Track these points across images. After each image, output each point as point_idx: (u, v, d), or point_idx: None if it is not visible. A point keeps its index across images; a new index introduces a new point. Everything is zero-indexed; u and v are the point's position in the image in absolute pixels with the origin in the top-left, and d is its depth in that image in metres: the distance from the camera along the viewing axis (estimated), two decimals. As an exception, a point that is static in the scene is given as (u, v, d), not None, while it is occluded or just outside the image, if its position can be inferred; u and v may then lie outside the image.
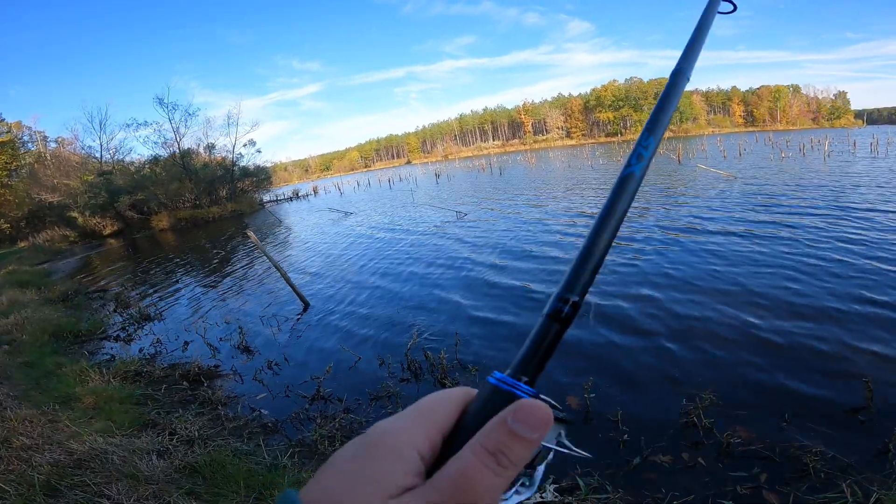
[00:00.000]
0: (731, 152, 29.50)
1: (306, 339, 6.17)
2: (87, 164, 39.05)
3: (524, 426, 0.30)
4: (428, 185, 33.16)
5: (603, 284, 6.33)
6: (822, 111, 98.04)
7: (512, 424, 0.30)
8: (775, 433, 3.00)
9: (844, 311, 4.70)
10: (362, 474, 0.29)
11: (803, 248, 6.92)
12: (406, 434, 0.31)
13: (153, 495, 2.47)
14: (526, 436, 0.30)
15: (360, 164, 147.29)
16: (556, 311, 0.36)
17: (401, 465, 0.30)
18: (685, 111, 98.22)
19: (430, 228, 13.64)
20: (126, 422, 3.68)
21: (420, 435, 0.31)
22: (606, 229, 0.38)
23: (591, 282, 0.37)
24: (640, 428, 3.24)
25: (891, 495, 2.25)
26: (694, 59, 0.48)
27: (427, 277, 8.15)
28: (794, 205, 10.33)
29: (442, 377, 4.35)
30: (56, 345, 6.73)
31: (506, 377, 0.34)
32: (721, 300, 5.34)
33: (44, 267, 19.90)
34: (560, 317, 0.36)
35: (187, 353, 6.09)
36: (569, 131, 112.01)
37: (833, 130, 59.83)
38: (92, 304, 10.42)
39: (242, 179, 41.98)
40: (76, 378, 4.86)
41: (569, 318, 0.36)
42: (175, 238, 26.22)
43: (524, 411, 0.31)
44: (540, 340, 0.35)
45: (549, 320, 0.36)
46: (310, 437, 3.58)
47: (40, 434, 3.22)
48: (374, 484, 0.29)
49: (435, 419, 0.33)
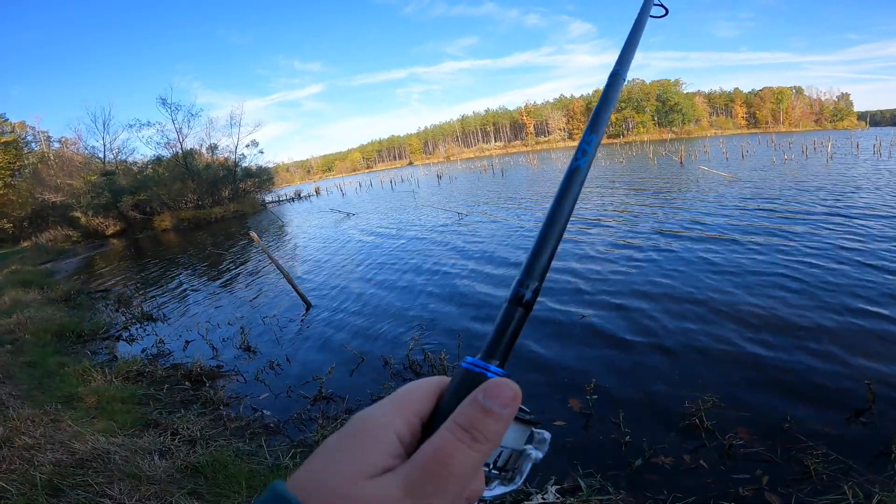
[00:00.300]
0: (733, 154, 29.44)
1: (308, 339, 6.18)
2: (90, 164, 39.15)
3: (494, 402, 0.32)
4: (430, 186, 33.19)
5: (605, 286, 6.33)
6: (825, 113, 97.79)
7: (483, 401, 0.32)
8: (777, 435, 3.00)
9: (847, 314, 4.69)
10: (344, 457, 0.31)
11: (806, 251, 6.90)
12: (385, 419, 0.33)
13: (155, 495, 2.48)
14: (497, 411, 0.32)
15: (362, 164, 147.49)
16: (518, 297, 0.38)
17: (381, 447, 0.31)
18: (688, 113, 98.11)
19: (432, 229, 13.65)
20: (128, 422, 3.69)
21: (399, 420, 0.33)
22: (559, 220, 0.41)
23: (548, 268, 0.40)
24: (642, 429, 3.23)
25: (892, 497, 2.24)
26: (629, 62, 0.52)
27: (428, 278, 8.15)
28: (795, 208, 10.32)
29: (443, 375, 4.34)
30: (59, 345, 6.76)
31: (477, 360, 0.36)
32: (722, 303, 5.34)
33: (46, 267, 19.98)
34: (522, 301, 0.38)
35: (189, 354, 6.10)
36: (571, 132, 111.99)
37: (836, 132, 59.64)
38: (94, 304, 10.45)
39: (245, 180, 42.12)
40: (78, 378, 4.88)
41: (530, 302, 0.38)
42: (178, 238, 26.28)
43: (494, 388, 0.33)
44: (505, 324, 0.38)
45: (512, 305, 0.38)
46: (312, 437, 3.58)
47: (42, 433, 3.23)
48: (355, 464, 0.30)
49: (412, 405, 0.34)
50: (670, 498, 2.54)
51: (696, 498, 2.53)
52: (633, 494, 2.62)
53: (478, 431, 0.31)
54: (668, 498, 2.55)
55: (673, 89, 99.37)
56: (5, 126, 42.68)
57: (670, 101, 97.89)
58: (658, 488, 2.66)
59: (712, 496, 2.55)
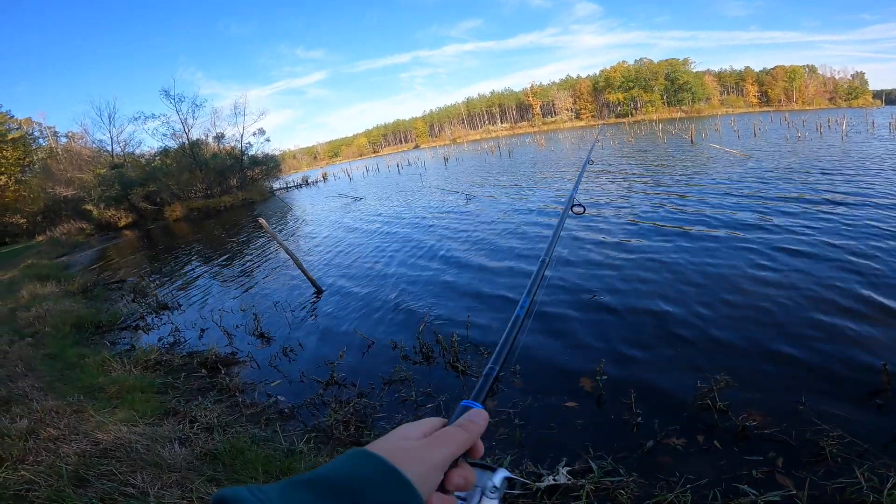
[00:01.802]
0: (745, 132, 28.91)
1: (320, 324, 6.24)
2: (98, 157, 39.39)
3: (475, 417, 0.57)
4: (437, 169, 33.04)
5: (612, 269, 6.30)
6: (840, 91, 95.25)
7: (469, 415, 0.57)
8: (791, 416, 2.98)
9: (863, 294, 4.63)
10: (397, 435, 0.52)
11: (822, 231, 6.80)
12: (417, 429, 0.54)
13: (176, 483, 2.54)
14: (476, 421, 0.56)
15: (369, 149, 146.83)
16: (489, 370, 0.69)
17: (416, 433, 0.53)
18: (697, 92, 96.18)
19: (440, 211, 13.63)
20: (148, 410, 3.77)
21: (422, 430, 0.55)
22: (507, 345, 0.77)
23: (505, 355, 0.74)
24: (654, 411, 3.24)
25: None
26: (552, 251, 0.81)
27: (438, 260, 8.16)
28: (813, 185, 10.15)
29: (454, 360, 4.38)
30: (77, 336, 6.88)
31: (468, 401, 0.60)
32: (735, 284, 5.29)
33: (62, 260, 20.26)
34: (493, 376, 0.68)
35: (204, 341, 6.19)
36: (578, 113, 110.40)
37: (851, 110, 58.12)
38: (111, 294, 10.60)
39: (252, 168, 42.20)
40: (98, 368, 4.98)
41: (498, 375, 0.69)
42: (189, 228, 26.50)
43: (476, 412, 0.58)
44: (484, 384, 0.66)
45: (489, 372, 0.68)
46: (325, 422, 3.63)
47: (66, 425, 3.31)
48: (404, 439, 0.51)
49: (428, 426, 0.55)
50: (682, 480, 2.55)
51: (709, 480, 2.53)
52: (644, 476, 2.63)
53: (466, 426, 0.55)
54: (680, 480, 2.55)
55: (682, 68, 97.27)
56: (11, 123, 42.98)
57: (679, 80, 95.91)
58: (670, 470, 2.66)
59: (725, 478, 2.54)
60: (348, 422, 3.57)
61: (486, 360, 0.71)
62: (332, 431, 3.49)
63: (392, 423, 3.57)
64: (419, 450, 0.49)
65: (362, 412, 3.78)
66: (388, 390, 4.14)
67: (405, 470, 0.45)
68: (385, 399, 3.99)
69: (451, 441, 0.51)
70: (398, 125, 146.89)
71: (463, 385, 4.04)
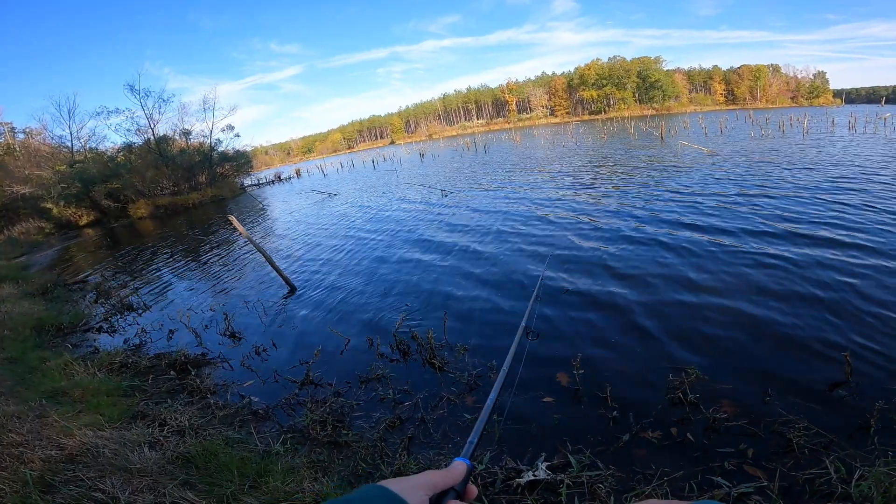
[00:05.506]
0: (711, 129, 29.72)
1: (293, 322, 6.14)
2: (58, 153, 37.70)
3: (457, 465, 0.66)
4: (412, 165, 32.93)
5: (588, 264, 6.39)
6: (802, 90, 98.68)
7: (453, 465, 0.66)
8: (760, 407, 3.07)
9: (824, 287, 4.82)
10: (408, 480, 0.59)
11: (785, 226, 7.04)
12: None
13: (148, 488, 2.45)
14: (456, 468, 0.65)
15: (343, 145, 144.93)
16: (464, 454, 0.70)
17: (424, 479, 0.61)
18: (668, 90, 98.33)
19: (415, 208, 13.61)
20: (115, 414, 3.63)
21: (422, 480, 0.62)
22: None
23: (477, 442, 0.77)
24: (629, 404, 3.30)
25: (874, 472, 2.30)
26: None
27: (412, 258, 8.12)
28: (777, 181, 10.50)
29: (430, 357, 4.37)
30: (39, 339, 6.59)
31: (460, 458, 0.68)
32: (703, 280, 5.43)
33: (21, 260, 19.40)
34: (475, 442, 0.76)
35: (173, 343, 6.01)
36: (553, 109, 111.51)
37: (812, 109, 60.41)
38: (72, 295, 10.19)
39: (222, 164, 41.25)
40: (61, 372, 4.78)
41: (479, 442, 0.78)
42: (155, 226, 25.69)
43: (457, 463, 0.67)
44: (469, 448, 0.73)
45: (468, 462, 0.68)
46: (301, 422, 3.57)
47: (29, 430, 3.16)
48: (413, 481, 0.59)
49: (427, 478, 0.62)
50: (658, 472, 2.60)
51: (684, 472, 2.59)
52: (622, 469, 2.67)
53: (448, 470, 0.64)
54: (656, 472, 2.60)
55: (653, 66, 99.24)
56: (-33, 120, 40.77)
57: (651, 78, 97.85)
58: (646, 462, 2.72)
59: (699, 470, 2.60)
60: (325, 421, 3.52)
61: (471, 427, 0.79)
62: (309, 431, 3.43)
63: (370, 422, 3.55)
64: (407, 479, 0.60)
65: (339, 411, 3.74)
66: (365, 388, 4.10)
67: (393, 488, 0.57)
68: (362, 397, 3.96)
69: (434, 473, 0.63)
70: (374, 121, 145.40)
71: (440, 381, 4.03)
